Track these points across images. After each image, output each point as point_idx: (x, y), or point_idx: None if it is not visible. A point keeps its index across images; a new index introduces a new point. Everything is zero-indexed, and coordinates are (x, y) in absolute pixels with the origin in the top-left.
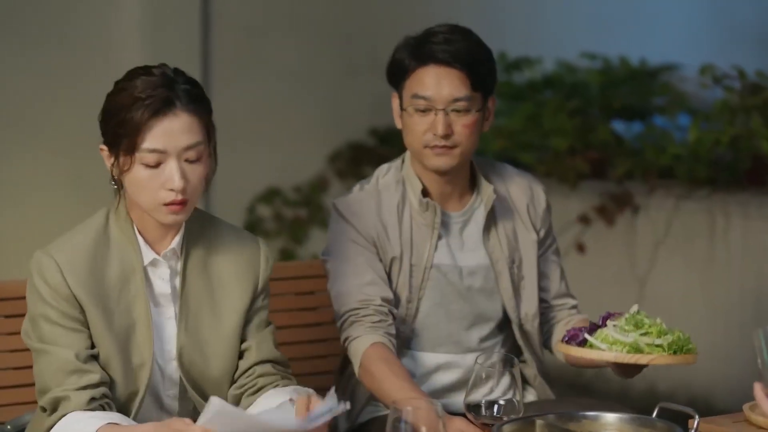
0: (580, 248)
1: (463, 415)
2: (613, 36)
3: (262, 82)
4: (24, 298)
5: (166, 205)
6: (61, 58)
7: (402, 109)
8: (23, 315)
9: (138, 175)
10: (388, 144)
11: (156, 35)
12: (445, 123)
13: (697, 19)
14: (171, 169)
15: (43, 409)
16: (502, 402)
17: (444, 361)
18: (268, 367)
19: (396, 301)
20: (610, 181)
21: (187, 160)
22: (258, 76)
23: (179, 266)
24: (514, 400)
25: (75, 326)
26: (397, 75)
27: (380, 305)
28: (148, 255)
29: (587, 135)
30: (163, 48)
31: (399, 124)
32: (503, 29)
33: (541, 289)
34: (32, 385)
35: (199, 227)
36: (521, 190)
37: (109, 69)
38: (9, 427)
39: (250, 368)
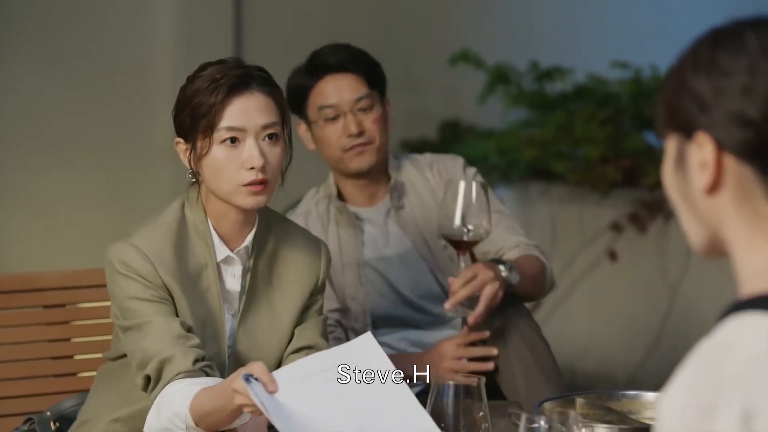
0: (612, 256)
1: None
2: (644, 46)
3: None
4: (60, 289)
5: (246, 186)
6: (96, 74)
7: (310, 125)
8: (61, 305)
9: (216, 156)
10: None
11: (189, 51)
12: (356, 122)
13: None
14: (250, 147)
15: (146, 385)
16: (470, 227)
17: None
18: (302, 355)
19: (344, 303)
20: (641, 188)
21: (264, 139)
22: None
23: (250, 264)
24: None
25: (169, 306)
26: (299, 97)
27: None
28: (221, 251)
29: (619, 144)
30: (197, 64)
31: (311, 146)
32: (535, 39)
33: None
34: (69, 375)
35: (266, 225)
36: (428, 167)
37: (142, 84)
38: (49, 413)
39: (287, 357)
